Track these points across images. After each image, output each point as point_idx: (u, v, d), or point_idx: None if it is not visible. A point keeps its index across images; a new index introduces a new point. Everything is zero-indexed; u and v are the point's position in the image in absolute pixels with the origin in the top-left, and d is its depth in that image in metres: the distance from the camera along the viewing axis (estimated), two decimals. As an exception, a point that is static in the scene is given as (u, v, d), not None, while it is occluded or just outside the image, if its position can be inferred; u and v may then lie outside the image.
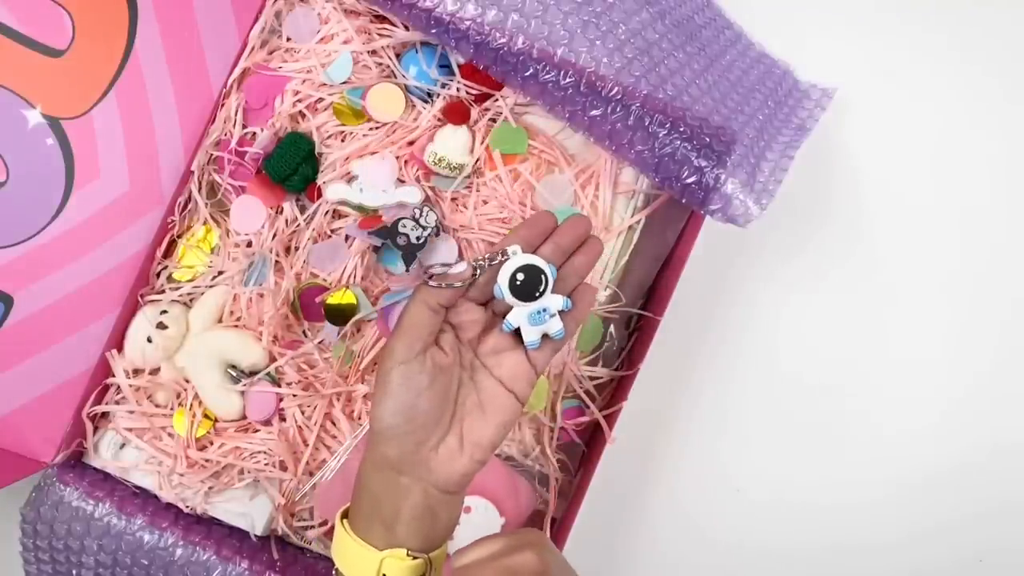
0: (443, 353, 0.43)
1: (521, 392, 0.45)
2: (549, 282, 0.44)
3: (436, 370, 0.42)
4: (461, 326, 0.45)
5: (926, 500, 0.68)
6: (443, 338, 0.44)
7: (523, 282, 0.43)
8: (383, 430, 0.42)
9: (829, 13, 0.67)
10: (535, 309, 0.44)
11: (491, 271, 0.43)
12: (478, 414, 0.44)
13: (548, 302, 0.44)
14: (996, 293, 0.67)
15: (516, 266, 0.43)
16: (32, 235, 0.53)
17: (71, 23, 0.52)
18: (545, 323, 0.44)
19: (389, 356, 0.42)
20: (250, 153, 0.55)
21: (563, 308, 0.44)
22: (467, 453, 0.43)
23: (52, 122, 0.52)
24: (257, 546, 0.56)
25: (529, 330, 0.44)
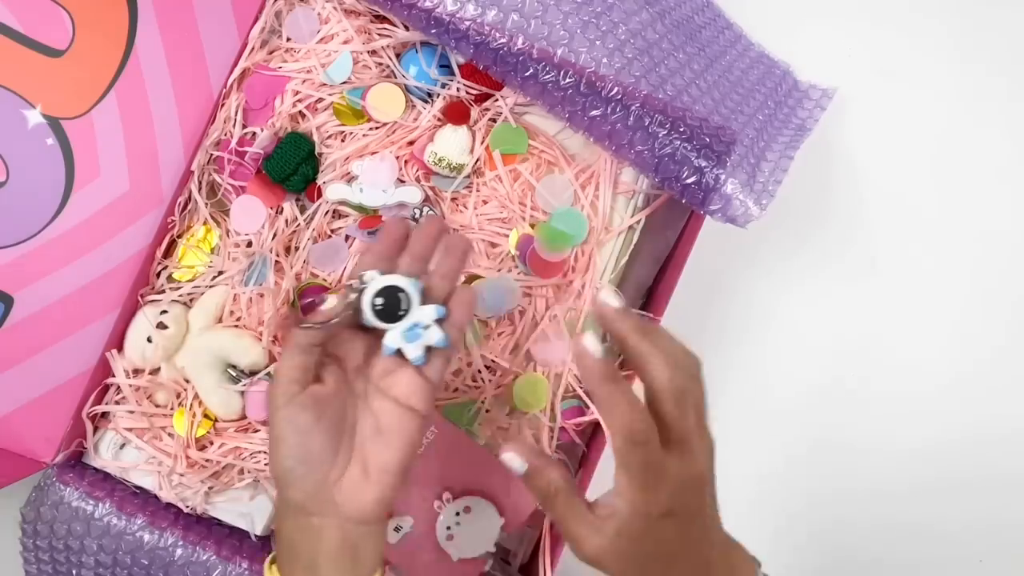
0: (327, 388, 0.42)
1: (421, 407, 0.44)
2: (412, 297, 0.43)
3: (321, 407, 0.42)
4: (345, 356, 0.44)
5: (926, 500, 0.68)
6: (327, 372, 0.43)
7: (384, 305, 0.43)
8: (280, 476, 0.41)
9: (829, 13, 0.67)
10: (406, 327, 0.43)
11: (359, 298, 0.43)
12: (379, 439, 0.43)
13: (417, 316, 0.43)
14: (996, 292, 0.67)
15: (373, 292, 0.43)
16: (32, 235, 0.53)
17: (71, 23, 0.52)
18: (422, 337, 0.43)
19: (271, 402, 0.42)
20: (250, 153, 0.55)
21: (438, 316, 0.44)
22: (374, 480, 0.42)
23: (52, 122, 0.52)
24: (257, 546, 0.56)
25: (409, 348, 0.43)
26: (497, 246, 0.57)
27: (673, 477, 0.39)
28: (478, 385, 0.56)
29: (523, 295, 0.56)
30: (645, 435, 0.39)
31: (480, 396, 0.56)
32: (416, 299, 0.43)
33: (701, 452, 0.41)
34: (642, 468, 0.39)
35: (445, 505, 0.55)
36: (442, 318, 0.44)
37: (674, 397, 0.40)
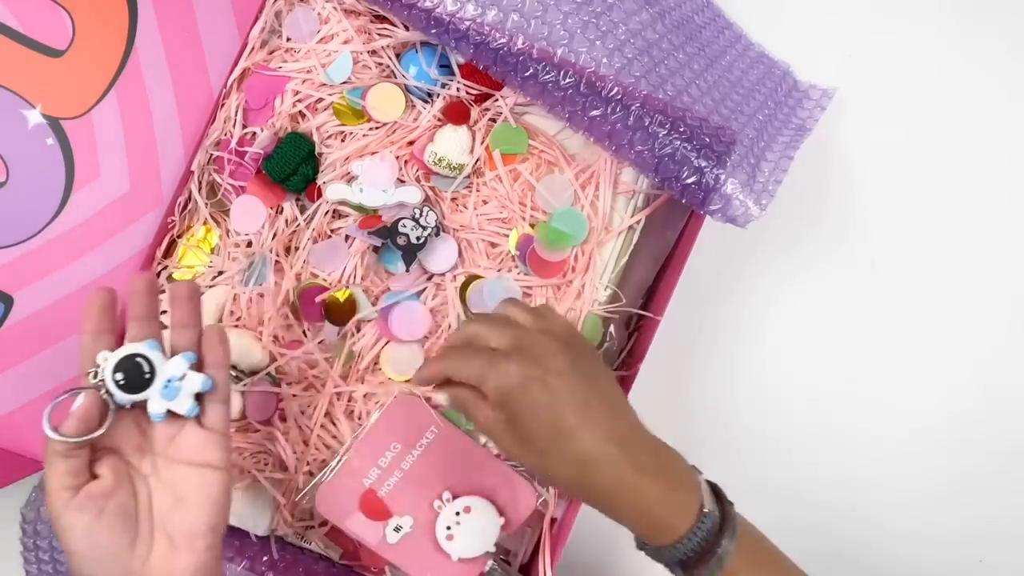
0: (105, 481, 0.42)
1: (216, 459, 0.44)
2: (152, 358, 0.43)
3: (101, 502, 0.42)
4: (118, 444, 0.44)
5: (926, 500, 0.68)
6: (102, 465, 0.43)
7: (127, 378, 0.42)
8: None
9: (829, 13, 0.67)
10: (160, 387, 0.43)
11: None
12: (179, 507, 0.43)
13: (167, 372, 0.43)
14: (995, 292, 0.67)
15: (110, 372, 0.42)
16: (32, 235, 0.53)
17: (71, 23, 0.52)
18: (183, 388, 0.43)
19: (49, 516, 0.41)
20: (250, 153, 0.55)
21: (189, 364, 0.43)
22: (184, 547, 0.42)
23: (52, 122, 0.52)
24: (257, 546, 0.56)
25: (175, 404, 0.43)
26: (497, 246, 0.57)
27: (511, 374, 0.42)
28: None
29: (523, 295, 0.56)
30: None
31: (480, 396, 0.56)
32: (158, 357, 0.43)
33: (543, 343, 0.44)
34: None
35: (445, 505, 0.55)
36: (194, 364, 0.44)
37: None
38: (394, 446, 0.55)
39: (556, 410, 0.41)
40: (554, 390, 0.42)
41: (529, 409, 0.42)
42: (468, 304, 0.56)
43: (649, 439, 0.45)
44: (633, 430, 0.44)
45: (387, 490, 0.55)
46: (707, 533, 0.42)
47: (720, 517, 0.43)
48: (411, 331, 0.56)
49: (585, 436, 0.42)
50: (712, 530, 0.42)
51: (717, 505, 0.44)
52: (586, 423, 0.42)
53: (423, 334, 0.56)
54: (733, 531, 0.43)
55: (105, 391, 0.43)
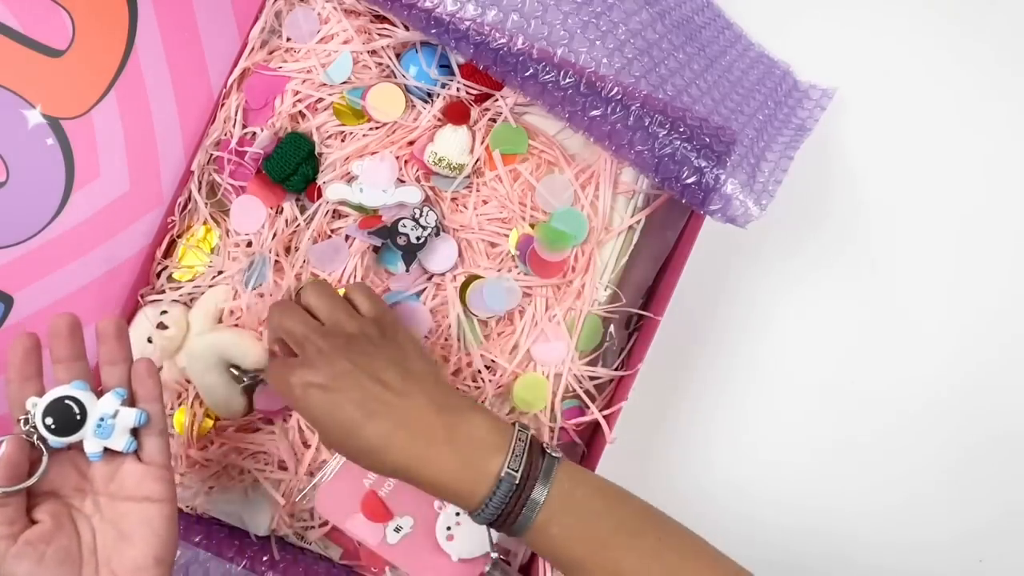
0: (44, 526, 0.42)
1: (157, 492, 0.45)
2: (82, 398, 0.43)
3: (41, 548, 0.42)
4: (57, 487, 0.44)
5: (926, 500, 0.68)
6: (40, 511, 0.43)
7: (58, 422, 0.43)
8: None
9: (829, 13, 0.67)
10: (93, 427, 0.43)
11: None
12: (124, 543, 0.44)
13: (99, 411, 0.43)
14: (994, 291, 0.67)
15: (40, 418, 0.42)
16: (32, 235, 0.53)
17: (71, 23, 0.52)
18: (117, 425, 0.43)
19: None
20: (250, 153, 0.55)
21: (120, 400, 0.44)
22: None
23: (52, 122, 0.52)
24: (257, 546, 0.56)
25: (111, 442, 0.44)
26: (497, 246, 0.57)
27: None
28: (478, 385, 0.57)
29: (523, 295, 0.56)
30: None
31: (480, 396, 0.56)
32: (88, 397, 0.43)
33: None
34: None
35: (445, 505, 0.55)
36: (127, 400, 0.44)
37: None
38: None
39: (337, 411, 0.44)
40: (334, 392, 0.44)
41: (313, 413, 0.45)
42: (468, 304, 0.56)
43: (450, 410, 0.45)
44: (428, 407, 0.45)
45: (387, 490, 0.55)
46: (504, 495, 0.43)
47: (525, 475, 0.43)
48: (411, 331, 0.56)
49: (369, 430, 0.44)
50: (509, 491, 0.43)
51: (527, 461, 0.44)
52: (370, 417, 0.44)
53: (423, 334, 0.56)
54: (546, 484, 0.43)
55: (37, 437, 0.43)
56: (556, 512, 0.44)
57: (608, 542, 0.44)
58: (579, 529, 0.44)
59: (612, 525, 0.44)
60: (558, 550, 0.44)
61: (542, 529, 0.43)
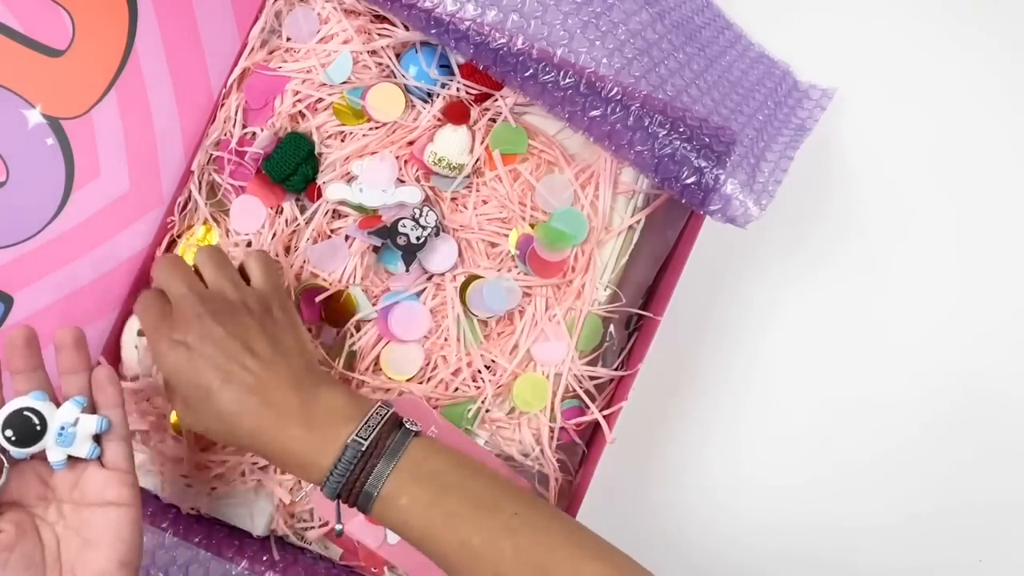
0: (6, 535, 0.43)
1: (121, 496, 0.45)
2: (40, 408, 0.44)
3: (3, 556, 0.42)
4: (19, 496, 0.45)
5: (925, 500, 0.68)
6: (2, 520, 0.43)
7: (18, 434, 0.43)
8: None
9: (828, 12, 0.67)
10: (54, 437, 0.43)
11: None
12: (88, 549, 0.44)
13: (59, 420, 0.44)
14: (993, 291, 0.67)
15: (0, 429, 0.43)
16: (32, 235, 0.53)
17: (71, 23, 0.52)
18: (79, 433, 0.44)
19: None
20: (250, 153, 0.55)
21: (80, 408, 0.44)
22: None
23: (52, 122, 0.52)
24: (257, 546, 0.56)
25: (74, 450, 0.44)
26: (497, 246, 0.57)
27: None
28: (478, 385, 0.57)
29: (523, 295, 0.56)
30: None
31: (480, 396, 0.56)
32: (47, 407, 0.44)
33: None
34: None
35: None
36: (87, 407, 0.45)
37: None
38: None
39: (196, 374, 0.44)
40: (197, 354, 0.45)
41: (173, 370, 0.45)
42: (468, 304, 0.56)
43: (310, 384, 0.46)
44: (288, 378, 0.45)
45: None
46: (348, 462, 0.43)
47: (373, 445, 0.43)
48: (411, 331, 0.56)
49: (224, 394, 0.44)
50: (353, 459, 0.43)
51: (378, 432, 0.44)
52: (227, 382, 0.44)
53: (423, 334, 0.56)
54: (389, 460, 0.43)
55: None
56: (405, 483, 0.43)
57: (458, 515, 0.43)
58: (428, 501, 0.43)
59: (464, 499, 0.44)
60: (407, 522, 0.43)
61: (390, 500, 0.43)
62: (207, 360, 0.45)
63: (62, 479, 0.45)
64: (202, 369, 0.45)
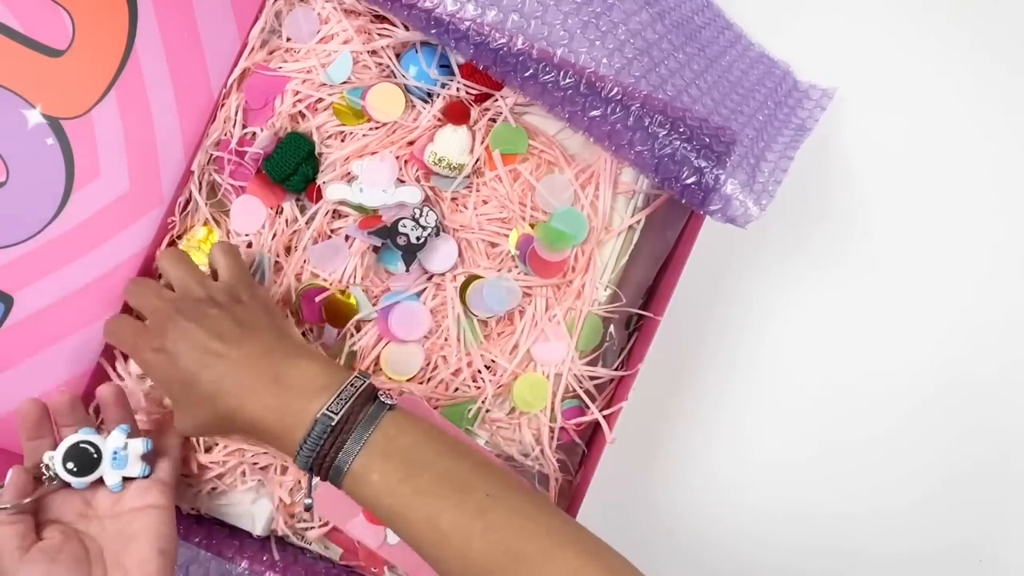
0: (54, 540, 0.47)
1: (158, 500, 0.49)
2: (94, 440, 0.49)
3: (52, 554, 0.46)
4: (61, 515, 0.48)
5: (925, 501, 0.68)
6: (48, 531, 0.47)
7: (78, 465, 0.48)
8: None
9: (829, 13, 0.67)
10: (110, 462, 0.49)
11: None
12: (127, 545, 0.47)
13: (111, 446, 0.49)
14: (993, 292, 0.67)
15: (60, 465, 0.48)
16: (32, 235, 0.53)
17: (71, 23, 0.52)
18: (130, 455, 0.49)
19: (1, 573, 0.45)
20: (250, 153, 0.55)
21: (126, 434, 0.49)
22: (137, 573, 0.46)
23: (52, 122, 0.52)
24: (257, 546, 0.56)
25: (129, 470, 0.49)
26: (497, 246, 0.57)
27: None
28: (478, 385, 0.57)
29: (523, 295, 0.56)
30: None
31: (480, 396, 0.56)
32: (97, 438, 0.49)
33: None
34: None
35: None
36: (131, 432, 0.50)
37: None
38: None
39: (173, 368, 0.46)
40: (171, 351, 0.46)
41: (157, 375, 0.48)
42: (468, 304, 0.56)
43: (282, 355, 0.47)
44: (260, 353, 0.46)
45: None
46: (318, 436, 0.43)
47: (345, 418, 0.43)
48: (411, 331, 0.56)
49: (203, 377, 0.45)
50: (323, 433, 0.43)
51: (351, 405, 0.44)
52: (203, 367, 0.46)
53: (423, 334, 0.56)
54: (360, 436, 0.43)
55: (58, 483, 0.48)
56: (376, 459, 0.43)
57: (429, 493, 0.42)
58: (398, 478, 0.42)
59: (437, 477, 0.43)
60: (377, 498, 0.43)
61: (360, 475, 0.43)
62: (184, 355, 0.46)
63: (103, 497, 0.49)
64: (181, 365, 0.46)
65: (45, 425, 0.50)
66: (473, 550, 0.41)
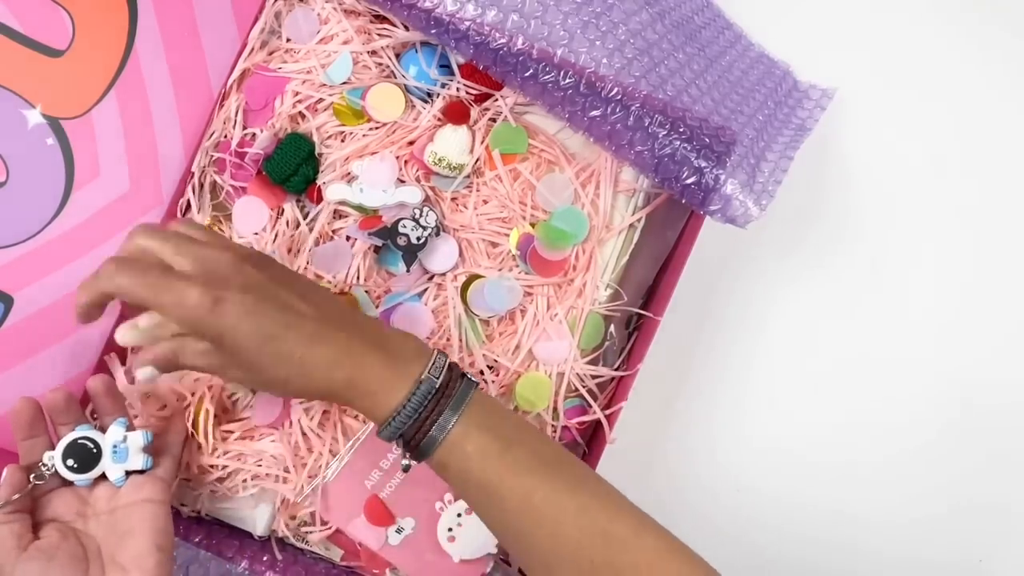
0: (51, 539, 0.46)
1: (155, 494, 0.48)
2: (93, 435, 0.48)
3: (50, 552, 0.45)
4: (57, 514, 0.48)
5: (925, 500, 0.68)
6: (46, 530, 0.47)
7: (79, 462, 0.48)
8: None
9: (829, 13, 0.68)
10: (111, 456, 0.48)
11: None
12: (125, 540, 0.47)
13: (110, 441, 0.48)
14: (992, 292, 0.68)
15: (60, 463, 0.48)
16: (32, 235, 0.53)
17: (71, 23, 0.52)
18: (130, 448, 0.49)
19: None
20: (250, 154, 0.55)
21: (124, 428, 0.49)
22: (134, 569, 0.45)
23: (52, 122, 0.52)
24: (257, 546, 0.56)
25: (131, 464, 0.49)
26: (498, 245, 0.57)
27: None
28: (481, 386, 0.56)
29: (524, 294, 0.56)
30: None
31: (481, 396, 0.56)
32: (96, 434, 0.48)
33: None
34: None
35: (447, 506, 0.55)
36: (129, 426, 0.49)
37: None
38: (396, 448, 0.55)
39: (257, 319, 0.41)
40: (247, 302, 0.41)
41: (230, 327, 0.41)
42: (469, 304, 0.56)
43: (365, 318, 0.46)
44: (344, 312, 0.45)
45: (389, 492, 0.55)
46: (419, 401, 0.42)
47: (444, 384, 0.43)
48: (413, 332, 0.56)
49: (289, 334, 0.42)
50: (428, 394, 0.42)
51: (446, 374, 0.43)
52: (291, 320, 0.42)
53: (425, 335, 0.56)
54: (457, 404, 0.42)
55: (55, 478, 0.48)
56: (473, 429, 0.42)
57: (524, 468, 0.42)
58: (494, 450, 0.42)
59: (531, 453, 0.42)
60: (471, 470, 0.42)
61: (456, 445, 0.42)
62: (266, 303, 0.42)
63: (100, 495, 0.49)
64: (263, 313, 0.41)
65: (39, 424, 0.49)
66: (565, 528, 0.41)
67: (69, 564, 0.45)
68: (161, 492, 0.49)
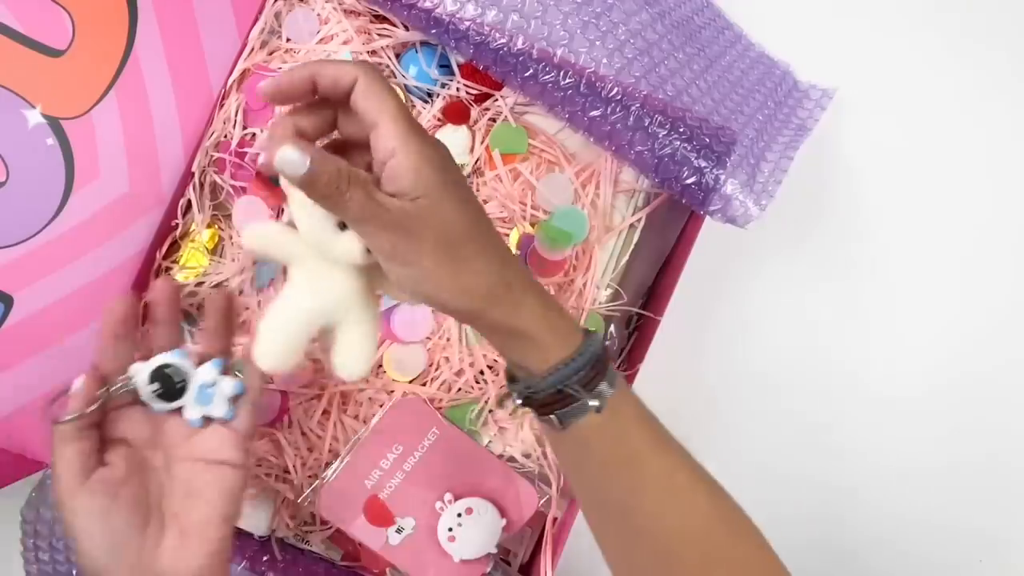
0: (116, 470, 0.42)
1: (233, 458, 0.43)
2: (182, 366, 0.43)
3: (114, 488, 0.41)
4: (129, 436, 0.44)
5: (925, 500, 0.68)
6: (113, 455, 0.43)
7: (163, 387, 0.43)
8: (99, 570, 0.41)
9: (829, 13, 0.68)
10: (195, 395, 0.44)
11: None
12: (192, 500, 0.43)
13: (200, 379, 0.44)
14: (994, 293, 0.68)
15: (145, 382, 0.43)
16: (32, 235, 0.53)
17: (71, 23, 0.52)
18: (216, 394, 0.44)
19: (58, 503, 0.41)
20: (250, 154, 0.55)
21: (219, 370, 0.44)
22: (197, 537, 0.42)
23: (52, 122, 0.52)
24: (257, 546, 0.56)
25: (211, 408, 0.44)
26: (497, 246, 0.57)
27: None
28: (480, 386, 0.56)
29: (523, 295, 0.56)
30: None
31: (483, 397, 0.56)
32: (188, 365, 0.44)
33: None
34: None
35: (447, 506, 0.55)
36: (223, 369, 0.44)
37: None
38: (396, 447, 0.55)
39: (475, 208, 0.38)
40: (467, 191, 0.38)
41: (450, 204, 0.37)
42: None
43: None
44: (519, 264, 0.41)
45: (389, 492, 0.55)
46: (593, 354, 0.39)
47: (605, 350, 0.41)
48: (413, 332, 0.56)
49: (497, 239, 0.39)
50: (598, 351, 0.39)
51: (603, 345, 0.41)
52: (496, 232, 0.39)
53: (425, 335, 0.56)
54: (612, 373, 0.40)
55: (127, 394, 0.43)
56: (630, 395, 0.41)
57: (670, 445, 0.41)
58: (642, 422, 0.41)
59: (667, 433, 0.41)
60: (621, 438, 0.40)
61: (615, 408, 0.39)
62: (479, 210, 0.39)
63: (175, 429, 0.44)
64: (481, 210, 0.39)
65: (133, 329, 0.43)
66: (698, 511, 0.41)
67: (132, 508, 0.42)
68: (241, 457, 0.44)
